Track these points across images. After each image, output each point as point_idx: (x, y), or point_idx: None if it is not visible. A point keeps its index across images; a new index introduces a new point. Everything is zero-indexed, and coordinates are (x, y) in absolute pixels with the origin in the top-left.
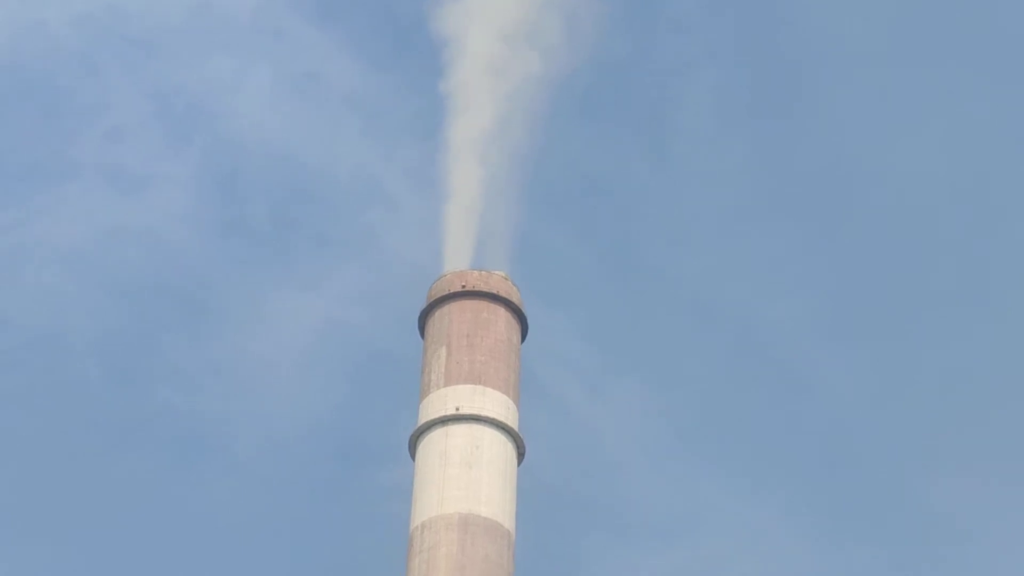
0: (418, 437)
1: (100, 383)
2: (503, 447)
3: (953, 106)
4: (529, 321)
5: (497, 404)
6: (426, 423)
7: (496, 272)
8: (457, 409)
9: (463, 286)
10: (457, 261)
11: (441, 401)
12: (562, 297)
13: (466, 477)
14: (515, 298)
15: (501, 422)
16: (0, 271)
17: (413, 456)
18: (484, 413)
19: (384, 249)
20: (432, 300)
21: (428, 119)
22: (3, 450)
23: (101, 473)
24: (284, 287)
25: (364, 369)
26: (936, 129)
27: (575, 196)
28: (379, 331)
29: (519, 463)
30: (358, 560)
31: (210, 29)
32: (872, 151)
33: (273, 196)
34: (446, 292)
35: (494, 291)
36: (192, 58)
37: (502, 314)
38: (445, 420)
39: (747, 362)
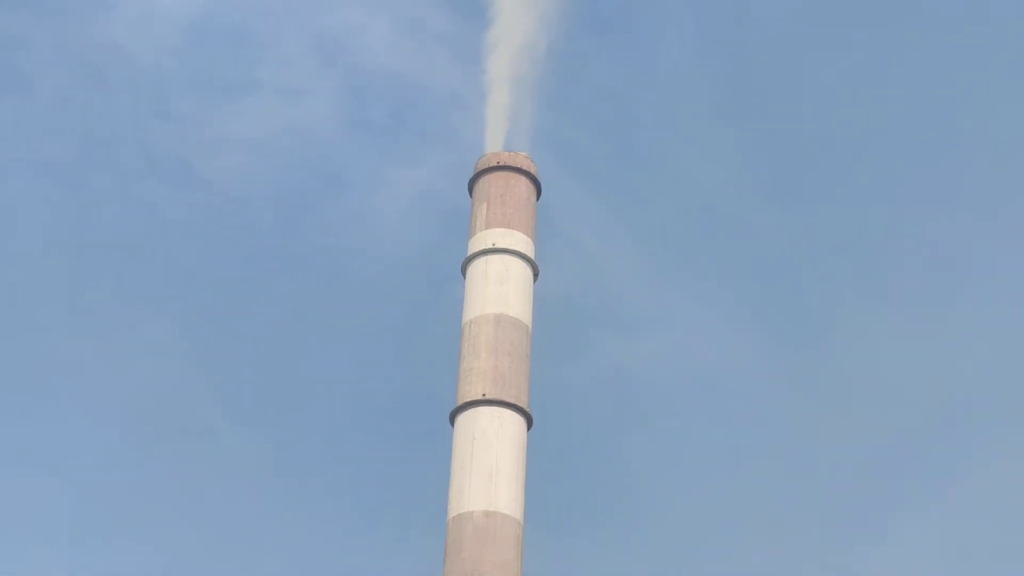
0: (467, 263)
1: (271, 229)
2: (524, 270)
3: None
4: (547, 187)
5: (521, 242)
6: (472, 254)
7: (520, 152)
8: (494, 245)
9: (498, 162)
10: (495, 145)
11: (483, 239)
12: (580, 171)
13: (499, 290)
14: (533, 170)
15: (523, 253)
16: (205, 153)
17: (464, 275)
18: (512, 247)
19: (463, 140)
20: (477, 171)
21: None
22: (195, 281)
23: (264, 295)
24: (396, 165)
25: (449, 219)
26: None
27: (593, 98)
28: (459, 195)
29: (535, 281)
30: (438, 348)
31: None
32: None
33: (389, 104)
34: (486, 166)
35: (519, 166)
36: (333, 9)
37: (523, 181)
38: (485, 252)
39: (704, 216)
